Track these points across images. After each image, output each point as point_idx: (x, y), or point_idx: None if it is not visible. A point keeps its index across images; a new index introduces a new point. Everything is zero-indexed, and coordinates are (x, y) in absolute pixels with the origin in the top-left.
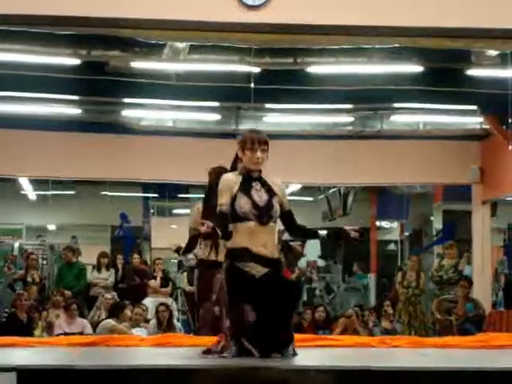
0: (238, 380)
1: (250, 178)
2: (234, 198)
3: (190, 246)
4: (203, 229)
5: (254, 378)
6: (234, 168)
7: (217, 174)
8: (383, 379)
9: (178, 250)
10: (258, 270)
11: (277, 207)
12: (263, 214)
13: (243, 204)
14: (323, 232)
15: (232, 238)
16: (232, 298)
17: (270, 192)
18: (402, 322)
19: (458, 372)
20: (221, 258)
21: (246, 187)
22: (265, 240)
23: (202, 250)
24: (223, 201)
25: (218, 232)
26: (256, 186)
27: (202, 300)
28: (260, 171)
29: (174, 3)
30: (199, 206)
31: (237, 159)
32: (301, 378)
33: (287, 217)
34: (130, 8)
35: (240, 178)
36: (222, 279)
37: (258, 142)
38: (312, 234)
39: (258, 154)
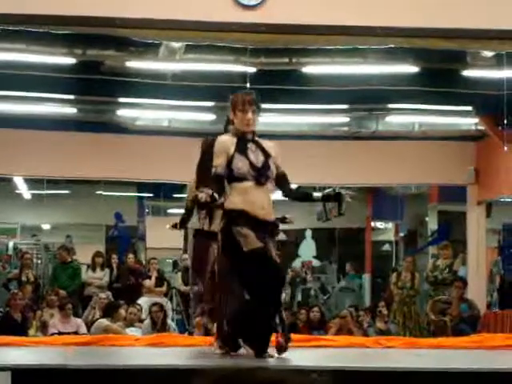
0: (234, 380)
1: (244, 140)
2: (230, 160)
3: (186, 219)
4: (202, 196)
5: (251, 379)
6: (225, 131)
7: (209, 144)
8: (378, 379)
9: (175, 225)
10: (249, 242)
11: (273, 168)
12: (261, 175)
13: (241, 165)
14: (318, 194)
15: (228, 199)
16: (223, 267)
17: (266, 153)
18: (396, 323)
19: (452, 373)
20: (214, 227)
21: (241, 148)
22: (261, 200)
23: (197, 221)
24: (218, 162)
25: (216, 197)
26: (251, 147)
27: (198, 271)
28: (253, 133)
29: (169, 3)
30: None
31: (228, 122)
32: (297, 379)
33: (282, 179)
34: (125, 7)
35: (235, 140)
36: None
37: (249, 102)
38: (307, 195)
39: (249, 115)
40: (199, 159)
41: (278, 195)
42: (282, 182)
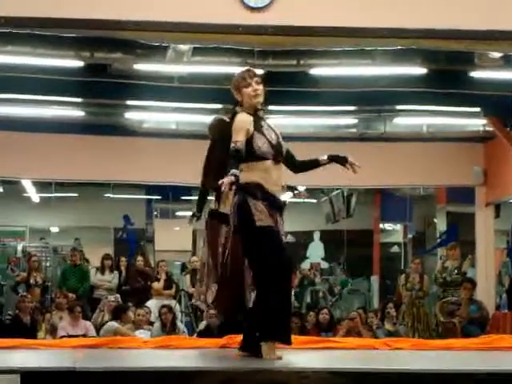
0: (240, 382)
1: (258, 118)
2: (250, 138)
3: (201, 203)
4: (226, 186)
5: (256, 380)
6: (234, 115)
7: (221, 126)
8: (386, 381)
9: (193, 215)
10: (263, 219)
11: (284, 145)
12: (278, 152)
13: (261, 144)
14: (324, 157)
15: (245, 175)
16: (236, 249)
17: (275, 131)
18: (405, 324)
19: (461, 374)
20: (223, 208)
21: (259, 127)
22: (277, 177)
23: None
24: (239, 138)
25: (234, 180)
26: (264, 125)
27: (212, 249)
28: (263, 109)
29: (176, 5)
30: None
31: (235, 106)
32: (303, 381)
33: (288, 155)
34: (132, 10)
35: (252, 118)
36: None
37: (250, 76)
38: (313, 162)
39: (254, 85)
40: (211, 144)
41: (286, 196)
42: (289, 157)
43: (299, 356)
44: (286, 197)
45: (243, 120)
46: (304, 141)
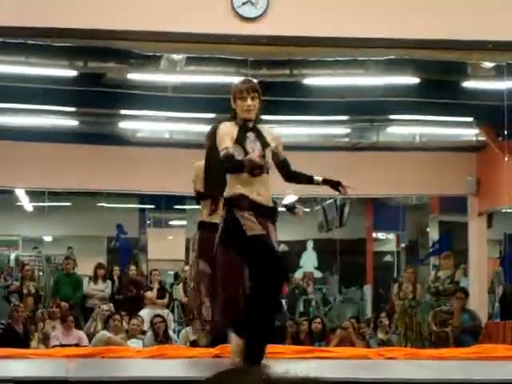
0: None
1: (245, 129)
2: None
3: (215, 206)
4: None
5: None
6: (217, 125)
7: (212, 132)
8: None
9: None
10: (253, 227)
11: (269, 158)
12: (255, 166)
13: (236, 156)
14: (318, 178)
15: (228, 187)
16: (223, 259)
17: (264, 143)
18: (398, 334)
19: (454, 383)
20: (215, 218)
21: (241, 138)
22: (260, 187)
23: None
24: (227, 144)
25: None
26: (250, 136)
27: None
28: (255, 121)
29: (170, 15)
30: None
31: (235, 116)
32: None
33: (283, 165)
34: (126, 20)
35: (236, 128)
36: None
37: (247, 90)
38: (308, 178)
39: (249, 101)
40: (207, 149)
41: (279, 206)
42: (283, 168)
43: (292, 365)
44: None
45: (226, 128)
46: (297, 150)
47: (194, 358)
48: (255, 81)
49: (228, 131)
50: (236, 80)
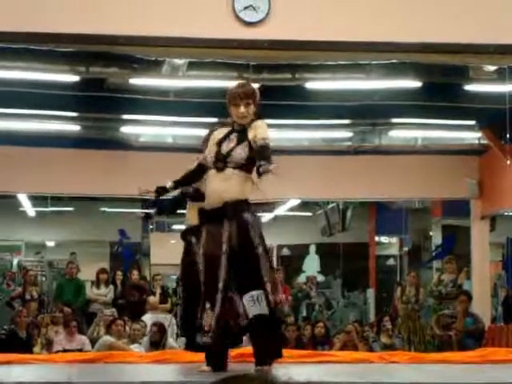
0: None
1: (232, 130)
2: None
3: (173, 208)
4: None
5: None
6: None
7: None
8: None
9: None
10: (202, 243)
11: (240, 153)
12: (219, 160)
13: (207, 153)
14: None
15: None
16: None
17: (242, 139)
18: (401, 337)
19: None
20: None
21: (223, 138)
22: (218, 187)
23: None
24: (205, 152)
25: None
26: (232, 136)
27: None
28: (245, 125)
29: (171, 20)
30: None
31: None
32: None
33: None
34: (128, 25)
35: (225, 131)
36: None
37: (240, 97)
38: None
39: (242, 109)
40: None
41: (281, 210)
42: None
43: (295, 370)
44: (281, 210)
45: (213, 135)
46: (299, 154)
47: (197, 363)
48: (253, 84)
49: (213, 139)
50: (230, 88)
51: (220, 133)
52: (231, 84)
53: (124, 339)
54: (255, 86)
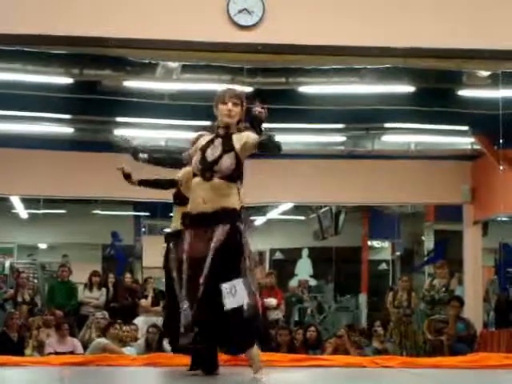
0: None
1: (216, 136)
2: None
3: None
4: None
5: None
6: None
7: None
8: None
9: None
10: (182, 248)
11: (227, 162)
12: (206, 168)
13: (193, 161)
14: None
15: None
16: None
17: (228, 148)
18: (393, 342)
19: None
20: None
21: (206, 145)
22: (204, 195)
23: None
24: (189, 151)
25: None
26: (216, 142)
27: None
28: (228, 128)
29: (166, 23)
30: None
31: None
32: None
33: (259, 146)
34: (122, 28)
35: (209, 138)
36: None
37: (229, 95)
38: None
39: (229, 105)
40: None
41: (274, 214)
42: (264, 148)
43: (286, 374)
44: (274, 214)
45: (198, 140)
46: (292, 158)
47: (188, 365)
48: (242, 89)
49: (197, 144)
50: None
51: (204, 140)
52: (225, 87)
53: (115, 341)
54: (249, 89)
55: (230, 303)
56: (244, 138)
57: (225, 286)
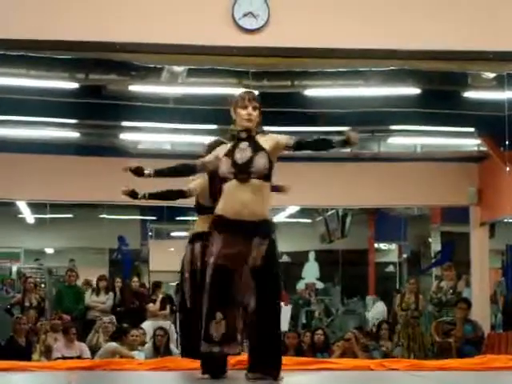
0: None
1: (239, 140)
2: (219, 165)
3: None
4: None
5: None
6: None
7: (211, 146)
8: None
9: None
10: (212, 254)
11: (261, 162)
12: (241, 171)
13: (222, 165)
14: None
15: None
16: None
17: (257, 149)
18: (401, 345)
19: None
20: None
21: (231, 150)
22: (244, 198)
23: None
24: (203, 159)
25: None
26: (242, 145)
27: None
28: (250, 131)
29: (171, 27)
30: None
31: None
32: None
33: (299, 146)
34: (127, 32)
35: (229, 145)
36: None
37: (249, 99)
38: (327, 142)
39: (250, 109)
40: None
41: (281, 217)
42: (301, 146)
43: (294, 377)
44: (280, 217)
45: (216, 150)
46: (298, 161)
47: (197, 369)
48: (256, 92)
49: (215, 152)
50: (237, 91)
51: (225, 147)
52: (231, 91)
53: (125, 346)
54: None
55: (284, 326)
56: (275, 138)
57: (286, 309)
